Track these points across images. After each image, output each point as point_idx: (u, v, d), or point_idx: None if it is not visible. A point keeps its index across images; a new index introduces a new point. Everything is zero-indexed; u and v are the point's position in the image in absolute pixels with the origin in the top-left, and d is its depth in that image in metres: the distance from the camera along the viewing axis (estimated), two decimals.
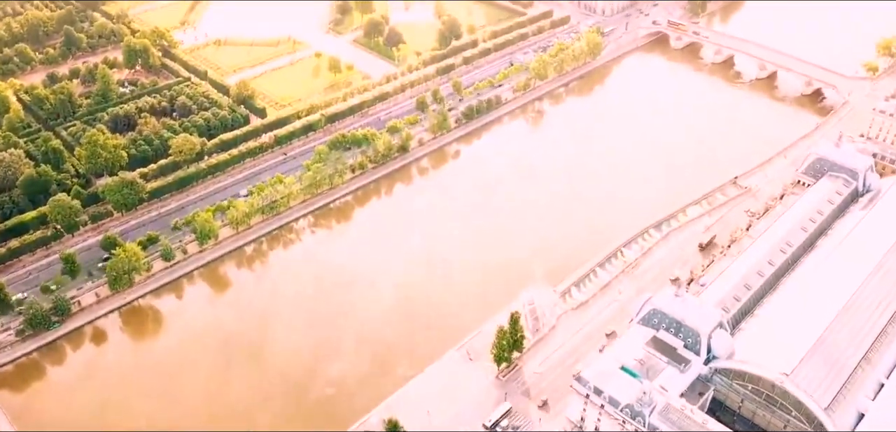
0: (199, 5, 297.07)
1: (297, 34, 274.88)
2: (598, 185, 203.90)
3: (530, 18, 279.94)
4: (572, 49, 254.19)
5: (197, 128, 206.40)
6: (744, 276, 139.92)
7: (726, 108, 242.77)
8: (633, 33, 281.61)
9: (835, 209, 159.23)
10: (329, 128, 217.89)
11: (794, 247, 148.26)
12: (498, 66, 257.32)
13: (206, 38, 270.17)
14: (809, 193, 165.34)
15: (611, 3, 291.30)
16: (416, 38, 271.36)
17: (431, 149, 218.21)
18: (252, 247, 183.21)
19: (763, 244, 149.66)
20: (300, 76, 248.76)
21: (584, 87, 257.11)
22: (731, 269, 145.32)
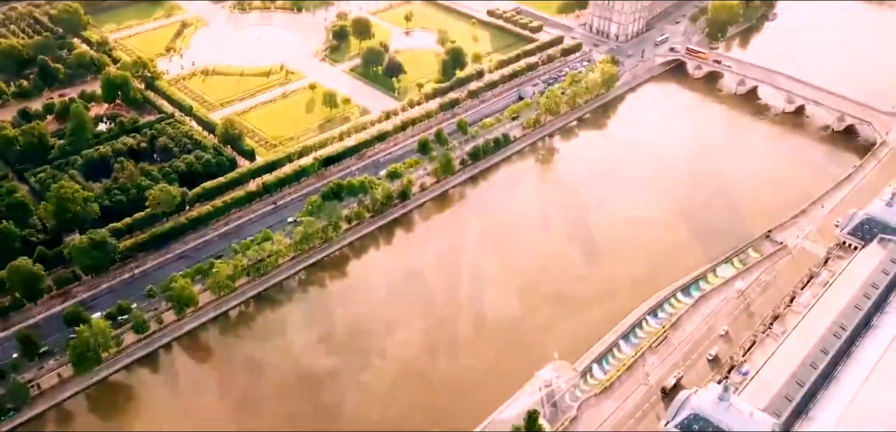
0: (187, 30, 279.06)
1: (290, 62, 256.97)
2: (616, 235, 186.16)
3: (539, 45, 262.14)
4: (585, 81, 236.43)
5: (178, 174, 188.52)
6: (795, 370, 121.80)
7: (752, 146, 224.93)
8: (649, 61, 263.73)
9: (890, 281, 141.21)
10: (323, 173, 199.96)
11: (848, 329, 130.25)
12: (505, 99, 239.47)
13: (193, 67, 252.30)
14: (859, 261, 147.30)
15: (625, 27, 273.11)
16: (417, 68, 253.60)
17: (434, 194, 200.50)
18: (237, 311, 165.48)
19: (812, 325, 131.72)
20: (293, 111, 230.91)
21: (598, 120, 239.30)
22: (778, 356, 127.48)
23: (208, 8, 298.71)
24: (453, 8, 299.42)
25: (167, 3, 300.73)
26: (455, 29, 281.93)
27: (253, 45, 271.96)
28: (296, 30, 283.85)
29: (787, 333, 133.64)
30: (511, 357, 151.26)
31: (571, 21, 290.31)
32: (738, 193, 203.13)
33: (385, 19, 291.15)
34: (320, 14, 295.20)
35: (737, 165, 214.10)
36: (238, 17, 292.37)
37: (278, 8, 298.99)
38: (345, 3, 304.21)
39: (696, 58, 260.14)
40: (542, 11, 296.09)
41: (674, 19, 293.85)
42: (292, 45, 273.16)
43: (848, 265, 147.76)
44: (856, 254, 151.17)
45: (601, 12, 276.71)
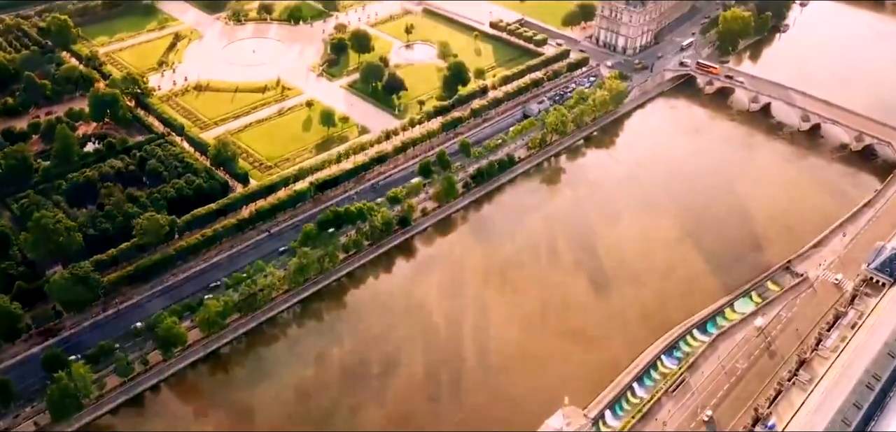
0: (181, 43, 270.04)
1: (286, 77, 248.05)
2: (627, 264, 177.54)
3: (544, 60, 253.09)
4: (593, 98, 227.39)
5: (168, 199, 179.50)
6: (826, 426, 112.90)
7: (766, 167, 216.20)
8: (659, 75, 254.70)
9: None
10: (320, 198, 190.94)
11: (881, 380, 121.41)
12: (509, 117, 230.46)
13: (186, 83, 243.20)
14: (890, 302, 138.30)
15: (633, 41, 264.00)
16: (418, 83, 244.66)
17: (436, 219, 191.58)
18: (228, 348, 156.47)
19: (843, 374, 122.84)
20: (289, 129, 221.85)
21: (606, 139, 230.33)
22: (806, 409, 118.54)
23: (203, 20, 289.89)
24: (455, 19, 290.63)
25: (160, 14, 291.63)
26: (457, 42, 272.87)
27: (248, 58, 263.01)
28: (293, 42, 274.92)
29: (816, 383, 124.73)
30: (518, 402, 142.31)
31: (577, 34, 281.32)
32: (753, 217, 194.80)
33: (385, 31, 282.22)
34: (318, 26, 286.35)
35: (751, 187, 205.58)
36: (233, 29, 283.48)
37: (275, 20, 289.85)
38: (343, 15, 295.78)
39: (706, 73, 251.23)
40: (547, 23, 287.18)
41: (683, 32, 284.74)
42: (289, 58, 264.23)
43: (877, 305, 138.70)
44: (885, 292, 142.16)
45: (608, 25, 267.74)
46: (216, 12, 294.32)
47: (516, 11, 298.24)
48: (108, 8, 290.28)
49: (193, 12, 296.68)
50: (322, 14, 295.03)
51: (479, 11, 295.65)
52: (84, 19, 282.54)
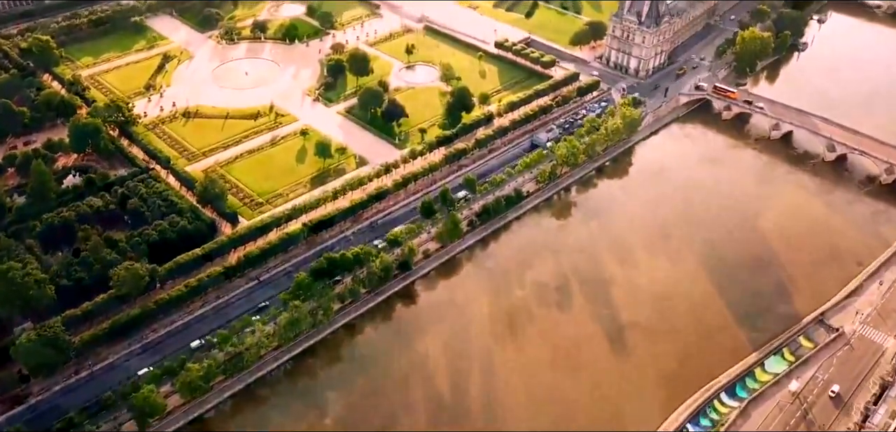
0: (169, 64, 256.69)
1: (280, 102, 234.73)
2: (643, 314, 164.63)
3: (553, 84, 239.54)
4: (605, 127, 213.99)
5: (149, 243, 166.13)
6: None
7: (791, 201, 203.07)
8: (673, 99, 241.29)
9: None
10: (314, 240, 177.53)
11: None
12: (517, 147, 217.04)
13: (174, 109, 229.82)
14: None
15: (646, 62, 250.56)
16: (419, 108, 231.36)
17: (440, 261, 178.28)
18: (213, 412, 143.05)
19: None
20: (282, 160, 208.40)
21: (619, 170, 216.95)
22: None
23: (194, 38, 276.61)
24: (458, 38, 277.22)
25: (149, 33, 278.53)
26: (460, 62, 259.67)
27: (240, 81, 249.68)
28: (287, 63, 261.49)
29: None
30: None
31: (586, 54, 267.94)
32: (779, 258, 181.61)
33: (384, 51, 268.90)
34: (314, 46, 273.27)
35: (775, 224, 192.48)
36: (225, 49, 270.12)
37: (269, 38, 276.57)
38: (341, 33, 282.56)
39: (724, 97, 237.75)
40: (554, 43, 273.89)
41: (697, 52, 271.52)
42: (283, 81, 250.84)
43: None
44: None
45: (619, 46, 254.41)
46: (208, 30, 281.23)
47: (522, 29, 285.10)
48: (94, 26, 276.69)
49: (184, 31, 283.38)
50: (319, 32, 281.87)
51: (483, 29, 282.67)
52: (69, 38, 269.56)
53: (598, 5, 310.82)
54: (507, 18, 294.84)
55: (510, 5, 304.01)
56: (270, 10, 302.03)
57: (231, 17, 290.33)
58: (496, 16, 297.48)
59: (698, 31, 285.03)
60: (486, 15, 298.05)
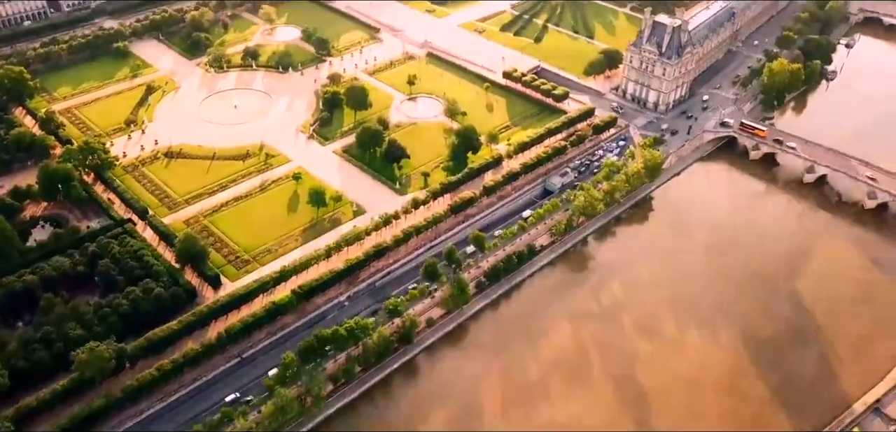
0: (153, 96, 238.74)
1: (271, 139, 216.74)
2: (671, 395, 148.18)
3: (566, 120, 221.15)
4: (625, 171, 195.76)
5: (120, 314, 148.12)
6: None
7: (831, 257, 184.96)
8: (697, 136, 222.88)
9: None
10: (304, 308, 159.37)
11: None
12: (528, 193, 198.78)
13: (156, 148, 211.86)
14: None
15: (667, 95, 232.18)
16: (422, 148, 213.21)
17: (445, 330, 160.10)
18: None
19: None
20: (272, 209, 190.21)
21: (641, 219, 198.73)
22: None
23: (180, 66, 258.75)
24: (463, 67, 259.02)
25: (133, 60, 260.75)
26: (465, 94, 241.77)
27: (229, 115, 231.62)
28: (281, 94, 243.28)
29: None
30: None
31: (601, 85, 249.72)
32: (822, 329, 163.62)
33: (384, 81, 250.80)
34: (310, 74, 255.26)
35: (815, 285, 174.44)
36: (214, 78, 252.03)
37: (261, 66, 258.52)
38: (338, 60, 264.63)
39: (752, 135, 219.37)
40: (566, 72, 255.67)
41: (720, 81, 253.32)
42: (275, 115, 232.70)
43: None
44: None
45: (638, 78, 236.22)
46: (196, 57, 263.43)
47: (531, 55, 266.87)
48: (74, 53, 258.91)
49: (171, 57, 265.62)
50: (314, 60, 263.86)
51: (490, 56, 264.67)
52: (46, 66, 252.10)
53: (610, 27, 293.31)
54: (514, 43, 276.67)
55: (518, 29, 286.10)
56: (264, 33, 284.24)
57: (221, 43, 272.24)
58: (503, 40, 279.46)
59: (719, 58, 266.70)
60: (493, 40, 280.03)
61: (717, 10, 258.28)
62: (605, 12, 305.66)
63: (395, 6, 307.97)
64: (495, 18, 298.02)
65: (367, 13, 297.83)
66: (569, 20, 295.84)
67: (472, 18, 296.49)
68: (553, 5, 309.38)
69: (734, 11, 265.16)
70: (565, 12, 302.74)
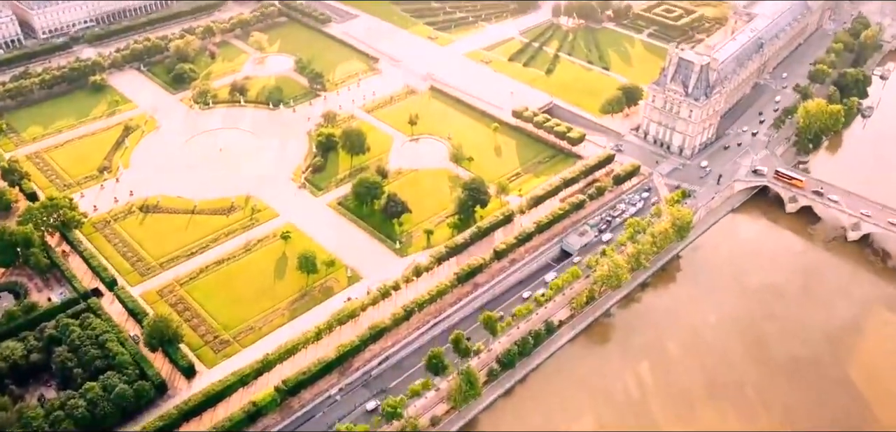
0: (131, 137, 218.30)
1: (259, 189, 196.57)
2: None
3: (584, 169, 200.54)
4: (652, 232, 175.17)
5: (75, 419, 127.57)
6: None
7: (887, 335, 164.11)
8: (726, 185, 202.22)
9: None
10: (289, 406, 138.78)
11: None
12: (543, 255, 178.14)
13: (131, 199, 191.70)
14: None
15: (693, 139, 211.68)
16: (424, 199, 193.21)
17: (451, 430, 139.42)
18: None
19: None
20: (258, 275, 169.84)
21: (669, 285, 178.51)
22: None
23: (162, 101, 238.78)
24: (469, 103, 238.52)
25: (111, 94, 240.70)
26: (472, 135, 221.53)
27: (214, 158, 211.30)
28: (270, 135, 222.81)
29: None
30: None
31: (620, 123, 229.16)
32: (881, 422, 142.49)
33: (384, 120, 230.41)
34: (302, 111, 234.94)
35: (870, 366, 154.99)
36: (198, 116, 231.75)
37: (250, 102, 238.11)
38: (334, 94, 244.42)
39: (788, 185, 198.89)
40: (581, 108, 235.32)
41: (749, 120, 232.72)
42: (264, 159, 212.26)
43: None
44: None
45: (661, 119, 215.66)
46: (180, 90, 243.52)
47: (542, 89, 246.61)
48: (47, 87, 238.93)
49: (152, 90, 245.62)
50: (308, 94, 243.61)
51: (498, 91, 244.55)
52: (17, 102, 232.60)
53: (626, 56, 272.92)
54: (524, 76, 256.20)
55: (527, 59, 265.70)
56: (254, 63, 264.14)
57: (207, 75, 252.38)
58: (512, 72, 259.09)
59: (747, 93, 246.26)
60: (501, 71, 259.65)
61: (744, 41, 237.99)
62: (621, 40, 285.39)
63: (395, 32, 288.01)
64: (502, 46, 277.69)
65: (365, 41, 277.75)
66: (582, 49, 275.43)
67: (477, 47, 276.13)
68: (564, 32, 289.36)
69: (762, 42, 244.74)
70: (578, 40, 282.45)
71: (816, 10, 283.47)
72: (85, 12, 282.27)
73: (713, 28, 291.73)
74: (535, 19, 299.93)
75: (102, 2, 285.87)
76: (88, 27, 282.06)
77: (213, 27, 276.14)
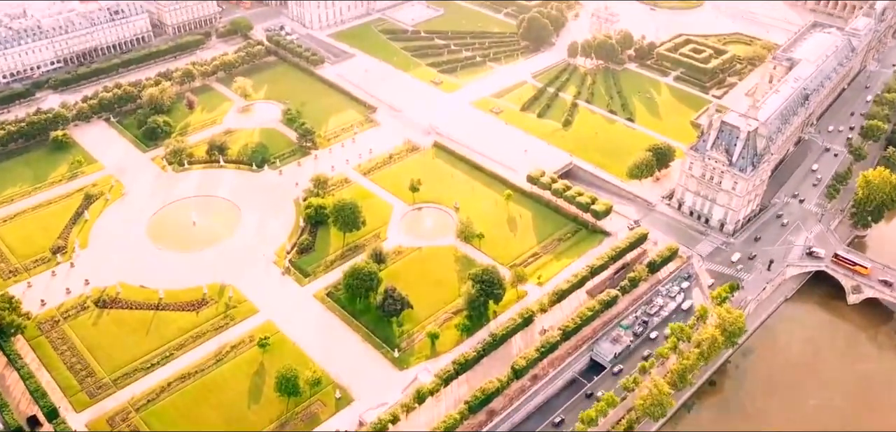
0: (92, 208, 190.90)
1: (237, 274, 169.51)
2: None
3: (613, 253, 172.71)
4: (700, 340, 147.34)
5: None
6: None
7: None
8: (777, 269, 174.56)
9: None
10: None
11: None
12: (571, 365, 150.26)
13: (86, 291, 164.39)
14: None
15: (737, 212, 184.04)
16: (429, 290, 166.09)
17: None
18: None
19: None
20: (229, 396, 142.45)
21: (716, 402, 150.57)
22: None
23: (131, 160, 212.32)
24: (478, 164, 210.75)
25: (75, 152, 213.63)
26: (482, 204, 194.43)
27: (186, 235, 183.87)
28: (252, 205, 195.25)
29: None
30: None
31: (649, 188, 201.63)
32: None
33: (382, 184, 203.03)
34: (290, 174, 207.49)
35: None
36: (171, 179, 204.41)
37: (231, 162, 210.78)
38: (326, 151, 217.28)
39: (850, 271, 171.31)
40: (605, 171, 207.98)
41: (797, 185, 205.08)
42: (244, 235, 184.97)
43: None
44: None
45: (698, 189, 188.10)
46: (152, 147, 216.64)
47: (559, 146, 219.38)
48: (1, 145, 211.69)
49: (121, 147, 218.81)
50: (296, 153, 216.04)
51: (509, 146, 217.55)
52: None
53: (652, 104, 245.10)
54: (539, 129, 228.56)
55: (542, 109, 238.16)
56: (237, 112, 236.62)
57: (185, 127, 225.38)
58: (525, 124, 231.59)
59: (791, 150, 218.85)
60: (513, 124, 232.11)
61: (788, 93, 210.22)
62: (644, 82, 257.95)
63: (395, 75, 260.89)
64: (514, 92, 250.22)
65: (362, 86, 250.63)
66: (602, 95, 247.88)
67: (486, 93, 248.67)
68: (582, 74, 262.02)
69: (808, 93, 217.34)
70: (597, 84, 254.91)
71: (861, 50, 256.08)
72: (51, 53, 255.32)
73: (746, 69, 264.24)
74: (548, 59, 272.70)
75: (72, 39, 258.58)
76: (55, 69, 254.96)
77: (194, 70, 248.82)
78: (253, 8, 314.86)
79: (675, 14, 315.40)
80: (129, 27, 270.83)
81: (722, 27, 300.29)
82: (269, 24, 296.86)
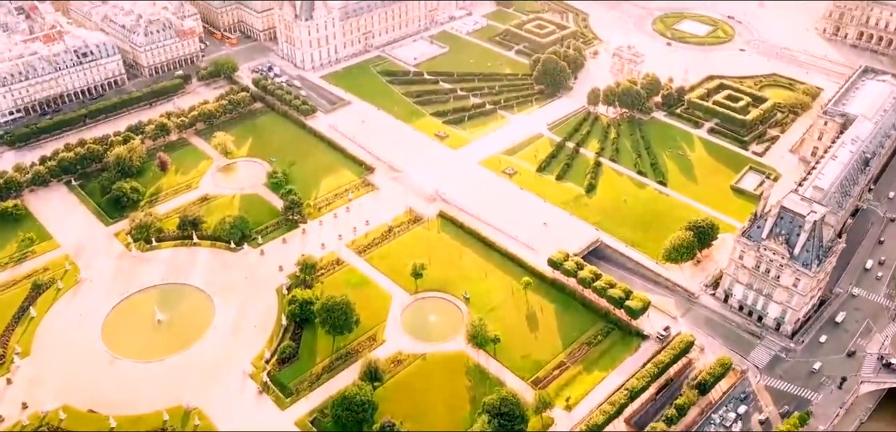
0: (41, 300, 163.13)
1: (203, 390, 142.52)
2: None
3: (655, 369, 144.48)
4: None
5: None
6: None
7: None
8: (851, 388, 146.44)
9: None
10: None
11: None
12: None
13: (23, 415, 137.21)
14: None
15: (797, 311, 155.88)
16: (433, 409, 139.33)
17: None
18: None
19: None
20: None
21: None
22: None
23: (92, 234, 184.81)
24: (490, 239, 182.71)
25: (28, 223, 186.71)
26: (495, 294, 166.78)
27: (147, 338, 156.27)
28: (227, 294, 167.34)
29: None
30: None
31: (689, 273, 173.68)
32: None
33: (380, 267, 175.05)
34: (273, 254, 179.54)
35: None
36: (135, 260, 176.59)
37: (207, 238, 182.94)
38: (316, 223, 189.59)
39: None
40: (637, 250, 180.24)
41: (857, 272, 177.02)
42: (216, 337, 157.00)
43: None
44: None
45: (751, 281, 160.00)
46: (116, 219, 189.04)
47: (582, 217, 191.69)
48: None
49: (81, 219, 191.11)
50: (282, 228, 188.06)
51: (526, 217, 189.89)
52: None
53: (685, 162, 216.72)
54: (558, 196, 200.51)
55: (562, 170, 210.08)
56: (216, 173, 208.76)
57: (155, 193, 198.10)
58: (542, 189, 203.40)
59: (848, 223, 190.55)
60: (528, 188, 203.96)
61: (846, 158, 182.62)
62: (674, 135, 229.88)
63: (395, 127, 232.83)
64: (529, 148, 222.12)
65: (358, 140, 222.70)
66: (628, 151, 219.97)
67: (497, 149, 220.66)
68: (604, 125, 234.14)
69: (868, 157, 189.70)
70: (622, 138, 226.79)
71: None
72: (10, 102, 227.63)
73: (787, 119, 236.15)
74: (566, 107, 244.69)
75: (34, 86, 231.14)
76: (14, 121, 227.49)
77: (169, 123, 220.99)
78: (239, 46, 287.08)
79: (702, 51, 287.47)
80: (100, 70, 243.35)
81: (755, 66, 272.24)
82: (257, 64, 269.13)
